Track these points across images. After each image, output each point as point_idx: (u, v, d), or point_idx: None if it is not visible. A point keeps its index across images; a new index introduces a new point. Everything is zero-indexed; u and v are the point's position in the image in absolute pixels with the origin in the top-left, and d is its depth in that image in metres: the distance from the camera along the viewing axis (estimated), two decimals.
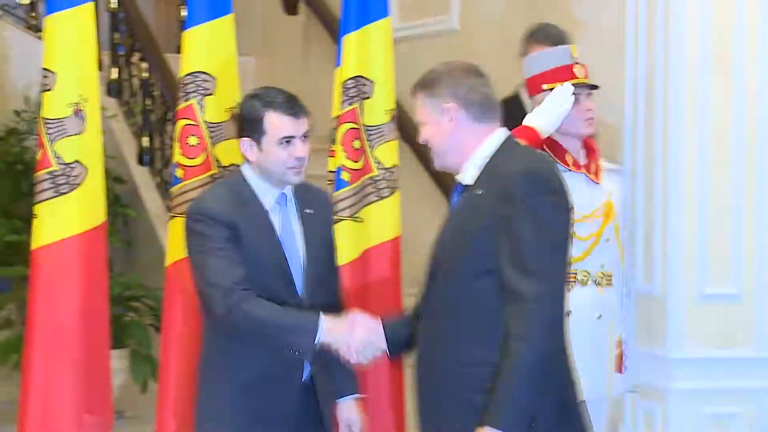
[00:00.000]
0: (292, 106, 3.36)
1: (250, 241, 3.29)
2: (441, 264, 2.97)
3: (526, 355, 2.75)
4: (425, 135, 3.05)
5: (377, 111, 4.17)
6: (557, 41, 4.29)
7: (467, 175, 2.98)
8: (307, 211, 3.41)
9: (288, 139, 3.33)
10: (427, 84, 3.04)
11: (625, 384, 3.99)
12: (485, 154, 2.98)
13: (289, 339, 3.22)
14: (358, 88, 4.14)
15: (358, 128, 4.14)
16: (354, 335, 3.17)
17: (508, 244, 2.81)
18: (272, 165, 3.34)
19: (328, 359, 3.26)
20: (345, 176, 4.13)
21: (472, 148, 2.99)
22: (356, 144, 4.13)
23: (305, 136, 3.35)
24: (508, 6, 5.57)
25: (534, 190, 2.83)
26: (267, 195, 3.37)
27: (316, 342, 3.18)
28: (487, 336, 2.83)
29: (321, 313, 3.22)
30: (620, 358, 3.91)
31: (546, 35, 4.29)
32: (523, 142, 3.56)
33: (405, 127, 6.08)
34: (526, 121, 3.77)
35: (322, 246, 3.42)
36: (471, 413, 2.80)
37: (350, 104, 4.13)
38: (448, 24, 5.99)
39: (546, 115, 3.73)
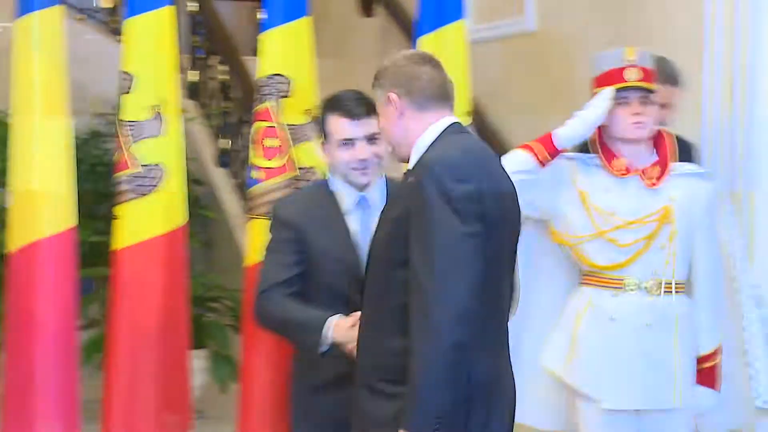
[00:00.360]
0: (353, 108, 3.35)
1: (318, 244, 3.34)
2: (371, 253, 2.98)
3: (430, 355, 2.68)
4: (380, 126, 3.05)
5: (460, 112, 4.15)
6: (665, 77, 4.01)
7: (411, 163, 2.96)
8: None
9: (348, 141, 3.34)
10: (376, 76, 3.04)
11: (715, 400, 3.76)
12: (426, 141, 2.94)
13: (298, 337, 3.32)
14: None
15: None
16: (353, 333, 3.13)
17: (416, 233, 2.76)
18: (338, 167, 3.39)
19: None
20: None
21: (417, 137, 2.95)
22: None
23: (373, 138, 3.34)
24: (587, 8, 5.50)
25: (441, 179, 2.75)
26: (347, 197, 3.39)
27: (321, 340, 3.21)
28: (401, 326, 2.77)
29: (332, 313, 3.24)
30: (712, 371, 3.72)
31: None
32: (536, 145, 3.55)
33: (479, 130, 6.06)
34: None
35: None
36: (383, 403, 2.80)
37: None
38: (524, 25, 5.93)
39: (576, 120, 3.65)
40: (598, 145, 3.73)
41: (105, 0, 7.54)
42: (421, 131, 2.94)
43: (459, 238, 2.72)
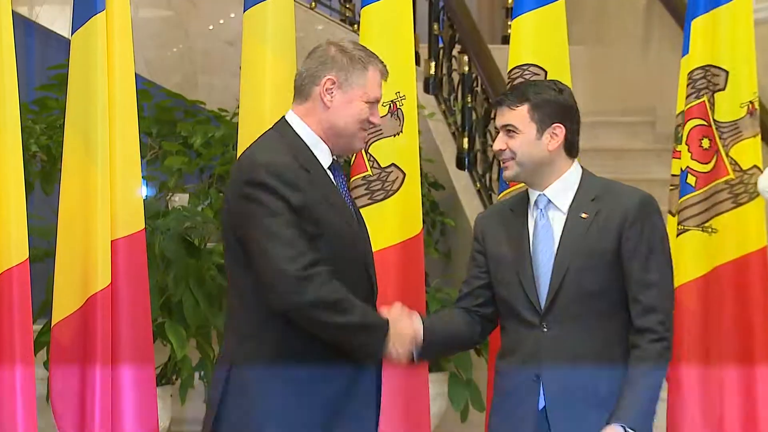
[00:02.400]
0: (502, 96, 3.44)
1: (494, 251, 3.42)
2: None
3: None
4: None
5: (732, 105, 4.05)
6: None
7: None
8: (582, 215, 3.35)
9: (498, 131, 3.43)
10: None
11: None
12: None
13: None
14: (707, 79, 4.05)
15: (707, 125, 4.04)
16: None
17: None
18: None
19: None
20: (691, 180, 4.04)
21: None
22: (705, 143, 4.04)
23: (508, 130, 3.37)
24: None
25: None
26: (531, 197, 3.42)
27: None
28: None
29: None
30: None
31: None
32: None
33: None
34: None
35: (589, 258, 3.31)
36: None
37: (698, 98, 4.04)
38: None
39: None
40: None
41: None
42: None
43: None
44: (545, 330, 3.32)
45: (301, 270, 3.14)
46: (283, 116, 3.35)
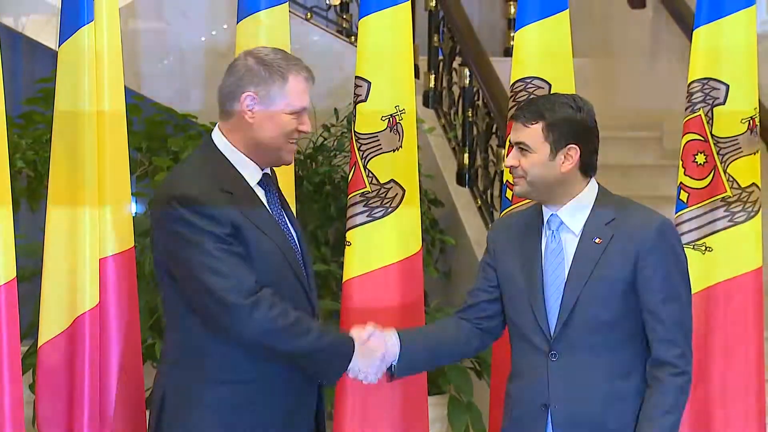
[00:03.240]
0: (517, 110, 3.43)
1: (504, 268, 3.45)
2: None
3: None
4: None
5: (732, 120, 4.06)
6: None
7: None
8: (596, 241, 3.35)
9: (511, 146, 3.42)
10: None
11: None
12: None
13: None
14: (705, 93, 4.06)
15: (703, 140, 4.06)
16: None
17: None
18: None
19: None
20: (683, 196, 4.06)
21: None
22: (700, 159, 4.06)
23: (521, 148, 3.37)
24: None
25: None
26: (544, 215, 3.42)
27: None
28: None
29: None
30: None
31: None
32: None
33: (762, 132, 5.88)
34: None
35: (601, 287, 3.32)
36: None
37: (693, 112, 4.06)
38: None
39: None
40: None
41: None
42: None
43: None
44: (554, 359, 3.34)
45: (244, 299, 3.16)
46: (210, 133, 3.37)
